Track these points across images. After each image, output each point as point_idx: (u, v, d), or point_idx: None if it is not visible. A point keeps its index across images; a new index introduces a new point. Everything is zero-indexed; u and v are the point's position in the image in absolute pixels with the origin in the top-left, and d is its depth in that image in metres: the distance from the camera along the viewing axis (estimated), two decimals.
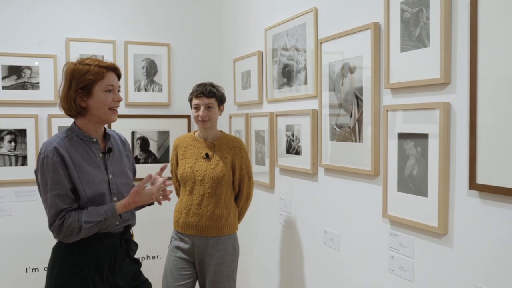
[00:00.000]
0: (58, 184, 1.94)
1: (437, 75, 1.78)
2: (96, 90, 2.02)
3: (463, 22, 1.70)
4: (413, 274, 1.97)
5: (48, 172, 1.95)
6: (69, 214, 1.95)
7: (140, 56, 3.92)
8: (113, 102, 2.07)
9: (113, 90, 2.08)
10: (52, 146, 1.97)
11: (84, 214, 1.96)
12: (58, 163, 1.94)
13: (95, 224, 1.96)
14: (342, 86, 2.37)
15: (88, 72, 2.00)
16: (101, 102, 2.03)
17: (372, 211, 2.21)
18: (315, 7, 2.62)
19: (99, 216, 1.97)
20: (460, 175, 1.73)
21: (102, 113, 2.05)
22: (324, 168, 2.59)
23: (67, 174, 1.96)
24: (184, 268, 2.72)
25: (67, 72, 2.04)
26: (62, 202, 1.95)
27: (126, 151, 2.27)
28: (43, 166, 1.96)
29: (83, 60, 2.06)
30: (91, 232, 1.97)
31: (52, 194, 1.94)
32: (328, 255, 2.57)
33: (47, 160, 1.95)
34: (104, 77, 2.03)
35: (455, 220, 1.75)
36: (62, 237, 1.97)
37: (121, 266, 2.11)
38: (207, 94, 2.71)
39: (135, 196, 2.03)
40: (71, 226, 1.93)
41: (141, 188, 2.04)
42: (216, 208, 2.71)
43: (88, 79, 2.00)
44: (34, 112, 3.64)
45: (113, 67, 2.09)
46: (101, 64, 2.05)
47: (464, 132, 1.71)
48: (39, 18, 3.65)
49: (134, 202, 2.04)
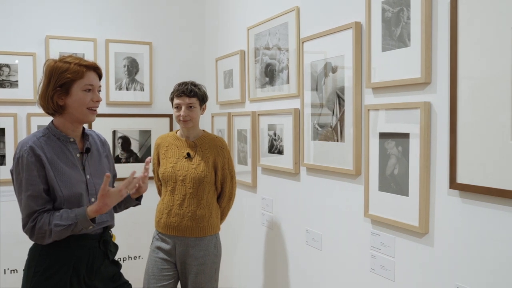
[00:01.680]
0: (31, 185, 1.90)
1: (418, 74, 1.79)
2: (75, 89, 1.98)
3: (443, 22, 1.71)
4: (394, 274, 1.97)
5: (22, 172, 1.91)
6: (41, 216, 1.91)
7: (122, 54, 3.87)
8: (91, 102, 2.03)
9: (92, 90, 2.03)
10: (27, 145, 1.92)
11: (55, 217, 1.91)
12: (33, 163, 1.90)
13: (66, 227, 1.90)
14: (325, 85, 2.36)
15: (67, 70, 1.96)
16: (79, 102, 1.99)
17: (354, 210, 2.21)
18: (297, 6, 2.62)
19: (70, 220, 1.91)
20: (440, 174, 1.74)
21: (80, 112, 2.01)
22: (306, 168, 2.59)
23: (42, 174, 1.91)
24: (165, 269, 2.69)
25: (47, 69, 1.99)
26: (35, 203, 1.91)
27: (105, 152, 2.23)
28: (18, 166, 1.92)
29: (64, 58, 2.02)
30: (62, 235, 1.92)
31: (26, 195, 1.91)
32: (310, 255, 2.56)
33: (22, 160, 1.91)
34: (84, 76, 1.99)
35: (436, 219, 1.76)
36: (35, 239, 1.94)
37: (99, 268, 2.07)
38: (188, 93, 2.68)
39: (103, 198, 1.92)
40: (42, 228, 1.89)
41: (105, 190, 1.92)
42: (198, 209, 2.68)
43: (67, 77, 1.96)
44: (13, 111, 3.57)
45: (94, 66, 2.05)
46: (82, 63, 2.00)
47: (445, 132, 1.71)
48: (18, 15, 3.58)
49: (105, 205, 1.93)
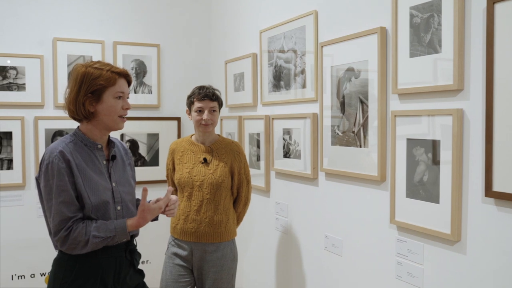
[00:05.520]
0: (63, 191, 1.86)
1: (450, 81, 1.78)
2: (107, 96, 1.95)
3: (477, 28, 1.70)
4: (422, 281, 1.96)
5: (52, 178, 1.86)
6: (76, 226, 1.86)
7: (129, 57, 3.83)
8: (122, 110, 2.00)
9: (123, 97, 2.01)
10: (57, 151, 1.88)
11: (92, 228, 1.88)
12: (63, 169, 1.86)
13: (103, 239, 1.89)
14: (346, 90, 2.34)
15: (99, 77, 1.93)
16: (111, 109, 1.96)
17: (378, 216, 2.20)
18: (315, 10, 2.60)
19: (108, 232, 1.89)
20: (473, 182, 1.73)
21: (111, 120, 1.98)
22: (325, 173, 2.57)
23: (72, 181, 1.88)
24: (182, 275, 2.66)
25: (77, 75, 1.95)
26: (67, 210, 1.86)
27: (128, 159, 2.20)
28: (47, 172, 1.87)
29: (93, 64, 1.98)
30: (97, 246, 1.89)
31: (57, 202, 1.86)
32: (330, 260, 2.55)
33: (52, 166, 1.86)
34: (116, 83, 1.97)
35: (469, 227, 1.75)
36: (66, 248, 1.88)
37: (125, 278, 2.04)
38: (211, 97, 2.65)
39: (144, 213, 1.96)
40: (77, 239, 1.85)
41: (146, 205, 1.97)
42: (215, 214, 2.66)
43: (99, 84, 1.93)
44: (20, 114, 3.52)
45: (124, 73, 2.02)
46: (113, 70, 1.97)
47: (478, 139, 1.70)
48: (25, 17, 3.53)
49: (145, 220, 1.97)
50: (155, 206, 2.00)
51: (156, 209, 2.01)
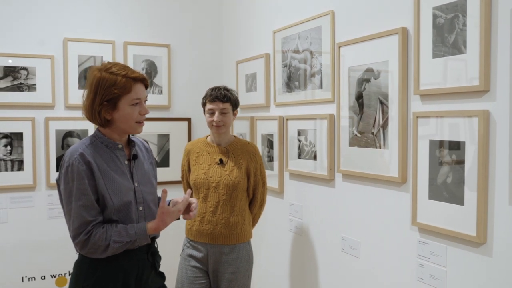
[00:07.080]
0: (83, 194, 1.83)
1: (476, 82, 1.76)
2: (122, 104, 1.90)
3: (504, 29, 1.68)
4: (445, 283, 1.94)
5: (73, 181, 1.83)
6: (96, 230, 1.84)
7: (140, 57, 3.82)
8: (139, 116, 1.97)
9: (139, 103, 1.96)
10: (77, 153, 1.85)
11: (113, 232, 1.85)
12: (84, 171, 1.83)
13: (124, 244, 1.86)
14: (365, 91, 2.33)
15: (114, 85, 1.87)
16: (127, 116, 1.92)
17: (398, 218, 2.18)
18: (332, 11, 2.58)
19: (129, 237, 1.87)
20: (500, 183, 1.71)
21: (128, 126, 1.96)
22: (342, 174, 2.55)
23: (92, 184, 1.85)
24: (198, 277, 2.65)
25: (93, 80, 1.90)
26: (87, 213, 1.84)
27: (150, 158, 2.18)
28: (67, 175, 1.85)
29: (109, 67, 1.91)
30: (117, 251, 1.87)
31: (77, 205, 1.83)
32: (347, 262, 2.53)
33: (72, 169, 1.83)
34: (131, 90, 1.91)
35: (495, 229, 1.73)
36: (86, 252, 1.86)
37: (147, 281, 2.01)
38: (222, 98, 2.64)
39: (163, 216, 1.93)
40: (97, 243, 1.83)
41: (165, 207, 1.94)
42: (231, 216, 2.64)
43: (113, 92, 1.87)
44: (30, 115, 3.50)
45: (141, 78, 1.96)
46: (129, 75, 1.90)
47: (505, 140, 1.69)
48: (36, 18, 3.52)
49: (164, 223, 1.94)
50: (175, 209, 1.97)
51: (176, 212, 1.98)
